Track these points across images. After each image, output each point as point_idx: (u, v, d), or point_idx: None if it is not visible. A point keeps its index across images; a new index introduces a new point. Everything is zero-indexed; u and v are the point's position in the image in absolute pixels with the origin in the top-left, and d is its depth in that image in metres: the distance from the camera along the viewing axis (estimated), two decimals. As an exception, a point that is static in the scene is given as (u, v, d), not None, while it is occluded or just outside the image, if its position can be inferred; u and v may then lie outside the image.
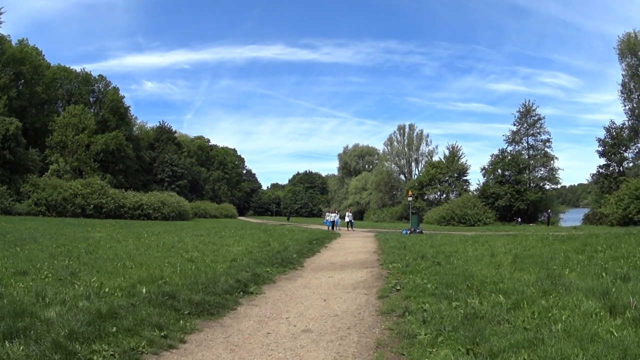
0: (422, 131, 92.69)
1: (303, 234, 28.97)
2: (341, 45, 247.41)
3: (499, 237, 24.97)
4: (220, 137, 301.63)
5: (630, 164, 51.83)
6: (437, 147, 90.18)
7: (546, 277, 10.05)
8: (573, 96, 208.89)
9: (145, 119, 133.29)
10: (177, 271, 11.40)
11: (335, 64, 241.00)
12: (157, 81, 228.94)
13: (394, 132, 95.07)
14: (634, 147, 51.33)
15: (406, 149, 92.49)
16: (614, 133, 51.39)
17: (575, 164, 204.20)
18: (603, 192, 50.12)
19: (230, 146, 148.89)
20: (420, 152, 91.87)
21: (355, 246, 23.57)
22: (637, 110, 50.44)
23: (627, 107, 51.87)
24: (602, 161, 53.45)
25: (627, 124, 52.33)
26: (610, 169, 52.35)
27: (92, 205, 49.97)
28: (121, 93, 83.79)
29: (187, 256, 14.81)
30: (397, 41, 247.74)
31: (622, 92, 51.15)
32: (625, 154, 51.38)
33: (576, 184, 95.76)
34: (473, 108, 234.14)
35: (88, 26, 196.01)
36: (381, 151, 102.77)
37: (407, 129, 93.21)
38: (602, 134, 50.86)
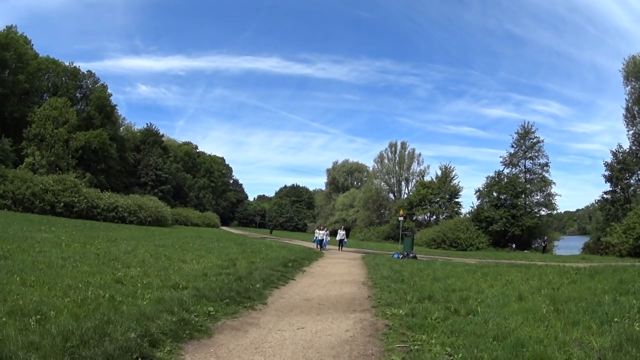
0: (413, 150, 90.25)
1: (281, 252, 24.68)
2: (337, 62, 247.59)
3: (508, 267, 20.93)
4: (210, 145, 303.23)
5: (638, 190, 47.89)
6: (428, 166, 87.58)
7: (628, 341, 6.89)
8: (563, 125, 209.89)
9: (137, 122, 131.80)
10: (77, 301, 8.07)
11: (330, 80, 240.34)
12: (152, 85, 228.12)
13: (385, 149, 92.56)
14: (638, 173, 47.49)
15: (397, 167, 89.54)
16: (621, 157, 47.68)
17: (563, 192, 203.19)
18: (608, 219, 46.14)
19: (220, 155, 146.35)
20: (411, 171, 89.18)
21: (339, 272, 19.18)
22: (637, 136, 47.00)
23: (630, 133, 48.77)
24: (607, 187, 49.40)
25: (631, 149, 48.50)
26: (617, 195, 48.20)
27: (62, 203, 46.22)
28: (115, 94, 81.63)
29: (121, 274, 11.38)
30: (393, 61, 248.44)
31: (625, 117, 48.25)
32: (631, 181, 47.50)
33: (562, 212, 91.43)
34: (464, 131, 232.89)
35: (86, 24, 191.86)
36: (371, 169, 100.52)
37: (398, 147, 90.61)
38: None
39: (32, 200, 44.21)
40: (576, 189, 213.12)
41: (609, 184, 48.33)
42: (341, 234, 37.57)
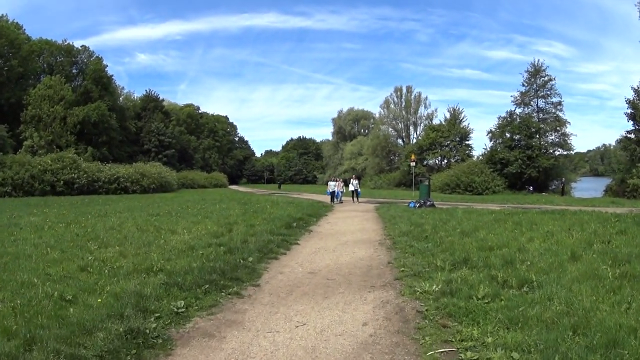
0: (420, 93, 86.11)
1: (287, 209, 22.27)
2: (335, 12, 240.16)
3: (539, 214, 18.70)
4: (214, 106, 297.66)
5: None
6: (436, 109, 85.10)
7: None
8: (568, 65, 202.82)
9: (139, 91, 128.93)
10: (17, 307, 6.01)
11: (329, 30, 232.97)
12: (151, 53, 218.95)
13: (391, 94, 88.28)
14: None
15: (403, 112, 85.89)
16: None
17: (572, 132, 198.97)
18: (633, 160, 42.64)
19: (224, 114, 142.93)
20: (418, 115, 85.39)
21: (351, 229, 16.75)
22: None
23: None
24: (629, 126, 45.27)
25: None
26: None
27: (62, 182, 45.15)
28: (114, 66, 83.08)
29: (92, 258, 9.52)
30: (392, 7, 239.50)
31: None
32: None
33: (573, 153, 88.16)
34: (468, 74, 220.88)
35: (81, 3, 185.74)
36: (377, 115, 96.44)
37: (404, 91, 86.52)
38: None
39: (31, 183, 43.33)
40: (585, 130, 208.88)
41: (631, 122, 44.44)
42: (354, 184, 34.47)
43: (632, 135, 43.37)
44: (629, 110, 43.33)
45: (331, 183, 33.32)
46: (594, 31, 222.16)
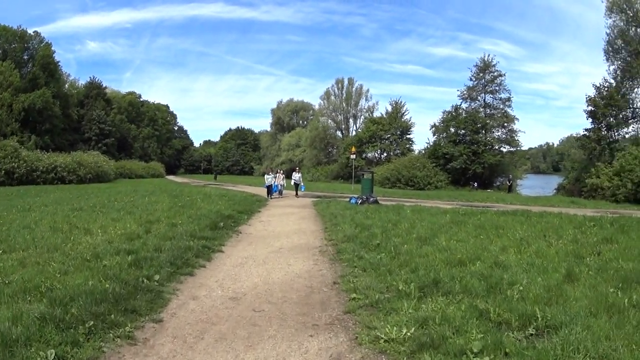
0: (361, 86, 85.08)
1: (217, 203, 20.05)
2: (281, 4, 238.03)
3: (500, 216, 17.07)
4: (157, 95, 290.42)
5: (625, 130, 43.84)
6: (377, 102, 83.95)
7: None
8: (514, 65, 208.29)
9: (85, 78, 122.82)
10: None
11: (275, 22, 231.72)
12: (100, 41, 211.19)
13: (332, 86, 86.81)
14: (627, 110, 43.31)
15: (344, 104, 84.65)
16: (606, 93, 42.66)
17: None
18: (592, 159, 42.02)
19: (166, 103, 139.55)
20: (358, 107, 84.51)
21: (286, 230, 14.46)
22: (619, 72, 43.33)
23: (611, 68, 44.22)
24: (589, 124, 44.49)
25: (611, 85, 43.58)
26: (602, 133, 43.27)
27: (3, 171, 43.40)
28: (65, 54, 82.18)
29: None
30: (338, 1, 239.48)
31: (606, 52, 43.84)
32: (619, 116, 42.55)
33: (520, 150, 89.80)
34: (410, 70, 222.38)
35: None
36: (317, 107, 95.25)
37: (345, 83, 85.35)
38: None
39: (-32, 175, 42.38)
40: (528, 128, 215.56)
41: (590, 120, 43.90)
42: (297, 177, 32.02)
43: (593, 134, 42.85)
44: (589, 108, 42.73)
45: (268, 176, 30.35)
46: (544, 32, 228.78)
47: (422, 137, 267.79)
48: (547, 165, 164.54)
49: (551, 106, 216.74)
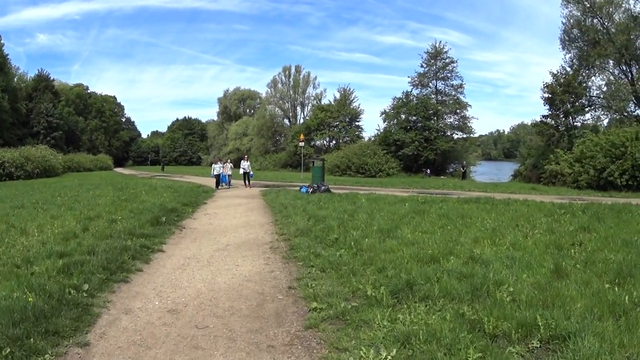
0: (309, 73, 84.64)
1: (162, 195, 18.83)
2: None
3: (459, 202, 16.55)
4: (104, 86, 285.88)
5: (582, 117, 44.14)
6: (325, 90, 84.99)
7: None
8: (463, 53, 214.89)
9: (34, 71, 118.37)
10: None
11: (221, 11, 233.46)
12: (49, 33, 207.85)
13: (279, 73, 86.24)
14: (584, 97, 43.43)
15: (291, 92, 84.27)
16: (563, 80, 42.43)
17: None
18: (550, 145, 42.01)
19: (113, 94, 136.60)
20: (306, 95, 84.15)
21: (234, 224, 13.19)
22: (575, 60, 43.64)
23: (567, 57, 44.72)
24: (546, 110, 44.50)
25: (568, 73, 43.69)
26: (560, 119, 43.62)
27: None
28: (16, 47, 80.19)
29: None
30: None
31: (562, 41, 44.11)
32: (576, 103, 42.68)
33: (472, 136, 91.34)
34: (356, 58, 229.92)
35: None
36: (264, 95, 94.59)
37: (292, 71, 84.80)
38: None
39: None
40: (477, 115, 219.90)
41: (547, 107, 43.99)
42: (245, 165, 29.82)
43: (551, 121, 43.00)
44: (546, 95, 42.86)
45: (215, 165, 28.74)
46: (495, 22, 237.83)
47: (370, 125, 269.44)
48: (498, 152, 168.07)
49: (500, 94, 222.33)
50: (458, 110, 56.44)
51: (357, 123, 70.98)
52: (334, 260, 7.71)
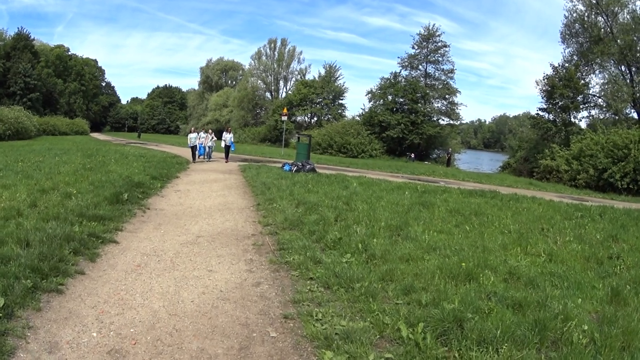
0: (294, 47, 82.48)
1: (132, 166, 16.81)
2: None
3: (463, 195, 14.83)
4: (87, 50, 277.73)
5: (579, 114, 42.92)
6: (310, 65, 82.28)
7: None
8: (449, 40, 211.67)
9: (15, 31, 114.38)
10: None
11: None
12: None
13: (264, 45, 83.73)
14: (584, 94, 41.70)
15: (275, 65, 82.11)
16: (564, 74, 40.57)
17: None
18: (545, 139, 40.54)
19: (96, 59, 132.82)
20: (290, 69, 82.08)
21: (208, 207, 11.08)
22: (575, 56, 41.99)
23: (567, 51, 43.27)
24: (542, 103, 42.63)
25: (565, 67, 42.18)
26: (558, 113, 41.52)
27: None
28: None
29: None
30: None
31: (563, 34, 42.69)
32: (574, 100, 40.68)
33: (459, 123, 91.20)
34: (342, 37, 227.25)
35: None
36: (247, 67, 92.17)
37: (278, 44, 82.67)
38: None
39: None
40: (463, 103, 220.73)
41: (544, 100, 42.32)
42: (228, 137, 27.26)
43: (549, 115, 41.58)
44: (545, 88, 41.28)
45: (191, 135, 26.06)
46: (484, 12, 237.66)
47: (352, 105, 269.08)
48: (478, 141, 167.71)
49: (484, 84, 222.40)
50: (447, 96, 54.90)
51: (340, 101, 69.15)
52: (340, 271, 5.81)
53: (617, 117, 38.16)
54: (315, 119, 67.77)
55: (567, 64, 41.49)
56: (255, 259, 6.73)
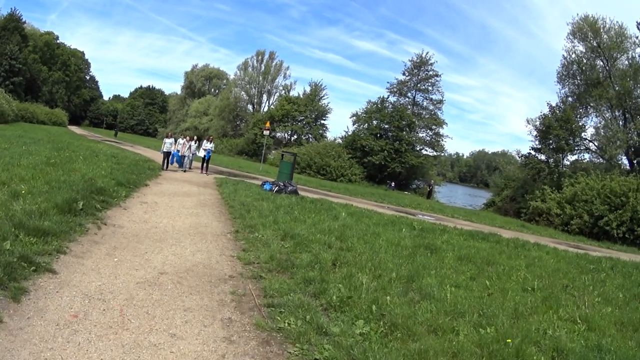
0: (282, 62, 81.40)
1: (99, 166, 15.27)
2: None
3: (463, 237, 13.35)
4: (77, 41, 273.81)
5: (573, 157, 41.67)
6: (295, 82, 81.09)
7: None
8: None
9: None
10: None
11: None
12: None
13: (251, 57, 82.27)
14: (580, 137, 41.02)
15: (260, 78, 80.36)
16: (560, 114, 39.42)
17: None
18: (536, 180, 39.36)
19: (84, 51, 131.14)
20: (275, 84, 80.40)
21: (177, 229, 9.21)
22: (570, 98, 41.55)
23: (562, 92, 42.48)
24: (529, 142, 43.02)
25: (560, 108, 41.66)
26: (557, 155, 40.28)
27: None
28: None
29: None
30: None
31: (559, 75, 42.22)
32: (569, 142, 39.59)
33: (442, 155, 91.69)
34: (329, 58, 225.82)
35: None
36: (232, 76, 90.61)
37: (266, 57, 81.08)
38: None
39: None
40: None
41: (537, 140, 41.32)
42: (209, 147, 25.33)
43: (541, 156, 40.67)
44: (540, 127, 40.44)
45: (167, 140, 23.42)
46: (472, 47, 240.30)
47: (332, 127, 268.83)
48: (454, 174, 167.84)
49: (465, 118, 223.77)
50: (433, 127, 54.26)
51: (323, 121, 67.92)
52: (356, 350, 4.17)
53: (610, 163, 37.22)
54: (295, 136, 66.16)
55: (561, 105, 40.77)
56: (236, 319, 4.89)
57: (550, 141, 39.58)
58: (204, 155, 24.67)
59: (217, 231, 9.41)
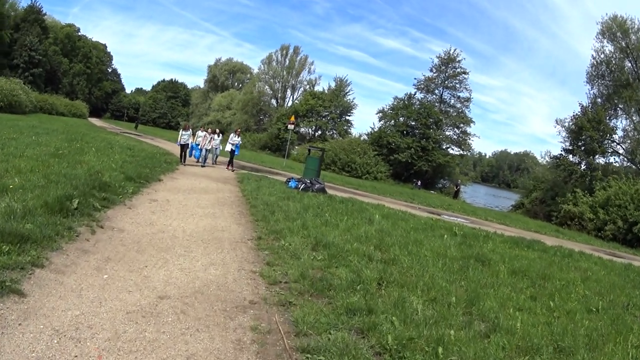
0: (306, 56, 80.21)
1: (111, 158, 14.34)
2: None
3: (510, 245, 12.35)
4: (100, 35, 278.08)
5: (602, 159, 39.91)
6: (320, 77, 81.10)
7: None
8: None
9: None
10: None
11: None
12: None
13: (275, 51, 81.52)
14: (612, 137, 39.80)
15: (284, 73, 79.85)
16: (593, 116, 37.71)
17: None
18: (567, 182, 37.83)
19: (105, 44, 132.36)
20: (299, 79, 79.68)
21: (189, 232, 8.06)
22: (599, 99, 40.45)
23: (591, 92, 41.32)
24: (559, 143, 41.02)
25: (590, 108, 40.20)
26: (589, 157, 38.62)
27: None
28: None
29: None
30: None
31: (589, 75, 41.18)
32: (601, 144, 38.22)
33: (469, 154, 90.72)
34: (353, 55, 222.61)
35: None
36: (256, 71, 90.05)
37: (290, 51, 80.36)
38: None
39: None
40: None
41: (568, 142, 39.95)
42: (235, 140, 23.58)
43: (574, 157, 39.39)
44: (572, 128, 39.21)
45: (184, 133, 21.46)
46: (495, 47, 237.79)
47: (356, 124, 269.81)
48: (476, 174, 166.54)
49: (487, 118, 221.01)
50: (461, 125, 52.83)
51: (347, 117, 67.06)
52: None
53: (639, 167, 36.20)
54: (320, 132, 65.34)
55: (591, 105, 39.50)
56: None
57: (582, 142, 38.17)
58: (231, 149, 23.23)
59: (236, 237, 8.11)
